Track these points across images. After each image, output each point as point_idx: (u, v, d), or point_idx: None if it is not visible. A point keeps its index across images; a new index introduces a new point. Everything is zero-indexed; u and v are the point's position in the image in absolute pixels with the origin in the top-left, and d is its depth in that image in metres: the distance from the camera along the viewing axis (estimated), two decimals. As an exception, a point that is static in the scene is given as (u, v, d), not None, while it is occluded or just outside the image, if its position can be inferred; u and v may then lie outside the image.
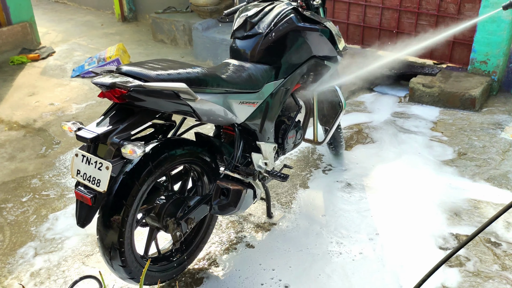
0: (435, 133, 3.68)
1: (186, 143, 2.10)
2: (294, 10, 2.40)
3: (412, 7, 4.50)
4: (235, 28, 2.42)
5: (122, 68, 1.82)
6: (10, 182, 3.20)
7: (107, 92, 1.75)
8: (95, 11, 7.85)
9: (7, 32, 5.52)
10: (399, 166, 3.26)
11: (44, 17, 7.39)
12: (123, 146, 1.72)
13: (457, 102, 4.00)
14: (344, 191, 3.01)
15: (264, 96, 2.32)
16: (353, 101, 4.33)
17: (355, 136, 3.68)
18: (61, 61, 5.52)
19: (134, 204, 1.90)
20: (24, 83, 4.87)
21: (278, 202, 2.91)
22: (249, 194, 2.21)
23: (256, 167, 2.37)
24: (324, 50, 2.56)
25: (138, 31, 6.68)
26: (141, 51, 5.80)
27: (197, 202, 2.19)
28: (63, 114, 4.18)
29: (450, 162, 3.29)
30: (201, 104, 1.94)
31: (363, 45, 5.00)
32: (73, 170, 1.83)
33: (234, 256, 2.48)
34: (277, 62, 2.36)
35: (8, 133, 3.87)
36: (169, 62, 1.99)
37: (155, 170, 1.93)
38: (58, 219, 2.81)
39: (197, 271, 2.39)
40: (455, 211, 2.78)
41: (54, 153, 3.55)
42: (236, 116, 2.17)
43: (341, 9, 4.99)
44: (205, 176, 2.29)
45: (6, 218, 2.84)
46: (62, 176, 3.24)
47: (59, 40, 6.31)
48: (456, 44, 4.37)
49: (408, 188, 3.02)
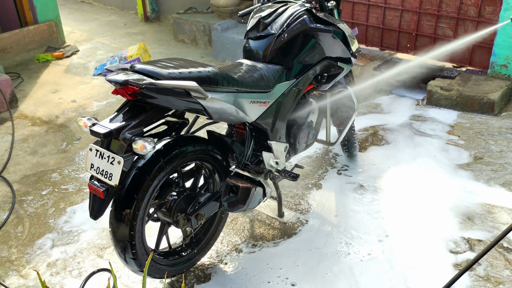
0: (451, 137, 3.64)
1: (198, 140, 2.15)
2: (307, 12, 2.43)
3: (432, 10, 4.46)
4: (249, 29, 2.46)
5: (136, 66, 1.88)
6: (31, 175, 3.31)
7: (120, 89, 1.81)
8: (119, 11, 8.01)
9: (33, 31, 5.69)
10: (414, 169, 3.25)
11: (70, 17, 7.58)
12: (134, 142, 1.77)
13: (476, 106, 3.95)
14: (356, 193, 3.01)
15: (276, 96, 2.35)
16: (369, 103, 4.32)
17: (370, 138, 3.67)
18: (84, 60, 5.66)
19: (145, 199, 1.95)
20: (48, 81, 5.02)
21: (289, 201, 2.94)
22: (258, 192, 2.25)
23: (267, 166, 2.40)
24: (337, 52, 2.57)
25: (160, 31, 6.79)
26: (162, 50, 5.90)
27: (207, 198, 2.24)
28: (84, 111, 4.29)
29: (465, 166, 3.26)
30: (211, 103, 1.98)
31: (382, 47, 4.98)
32: (87, 164, 1.90)
33: (243, 254, 2.52)
34: (290, 63, 2.39)
35: (31, 128, 3.99)
36: (181, 61, 2.04)
37: (166, 166, 1.98)
38: (76, 213, 2.90)
39: (205, 268, 2.44)
40: (468, 215, 2.76)
41: (74, 149, 3.65)
42: (247, 115, 2.20)
43: (361, 11, 4.98)
44: (216, 173, 2.33)
45: (26, 210, 2.94)
46: (80, 171, 3.34)
47: (83, 39, 6.47)
48: (476, 47, 4.32)
49: (421, 191, 3.00)
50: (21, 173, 3.34)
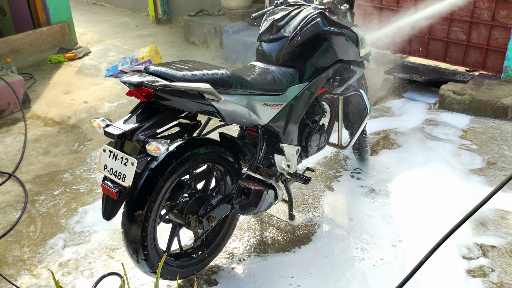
0: (464, 141, 3.61)
1: (210, 142, 2.15)
2: (320, 14, 2.42)
3: (445, 13, 4.43)
4: (262, 31, 2.46)
5: (150, 68, 1.89)
6: (43, 175, 3.33)
7: (134, 90, 1.82)
8: (130, 13, 8.06)
9: (46, 32, 5.74)
10: (426, 173, 3.23)
11: (82, 18, 7.64)
12: (148, 143, 1.78)
13: (489, 111, 3.91)
14: (368, 196, 3.00)
15: (288, 99, 2.34)
16: (381, 106, 4.30)
17: (382, 142, 3.65)
18: (96, 61, 5.70)
19: (157, 200, 1.95)
20: (60, 81, 5.06)
21: (301, 204, 2.93)
22: (270, 195, 2.24)
23: (278, 168, 2.40)
24: (350, 55, 2.56)
25: (171, 33, 6.82)
26: (173, 52, 5.92)
27: (219, 201, 2.24)
28: (96, 112, 4.32)
29: (478, 171, 3.23)
30: (224, 105, 1.98)
31: (394, 51, 4.95)
32: (101, 165, 1.90)
33: (253, 259, 2.51)
34: (302, 66, 2.39)
35: (43, 128, 4.02)
36: (195, 63, 2.04)
37: (178, 167, 1.99)
38: (87, 213, 2.91)
39: (213, 272, 2.43)
40: (481, 221, 2.73)
41: (86, 149, 3.67)
42: (259, 118, 2.20)
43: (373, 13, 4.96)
44: (228, 175, 2.33)
45: (39, 210, 2.96)
46: (92, 172, 3.36)
47: (95, 41, 6.51)
48: (490, 51, 4.28)
49: (433, 196, 2.98)
50: (33, 173, 3.36)
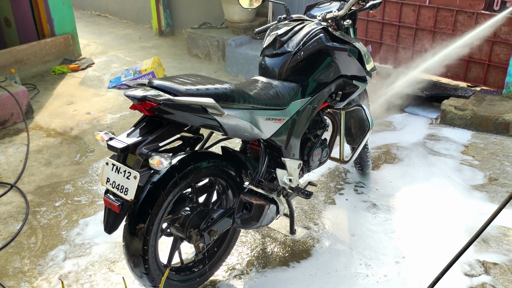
0: (466, 157, 3.61)
1: (212, 156, 2.16)
2: (323, 30, 2.44)
3: (447, 29, 4.47)
4: (265, 46, 2.47)
5: (154, 82, 1.90)
6: (45, 186, 3.33)
7: (138, 104, 1.83)
8: (134, 25, 8.12)
9: (50, 43, 5.78)
10: (427, 189, 3.22)
11: (86, 30, 7.70)
12: (151, 157, 1.78)
13: (490, 126, 3.92)
14: (370, 211, 2.99)
15: (291, 113, 2.35)
16: (383, 120, 4.31)
17: (383, 156, 3.65)
18: (99, 72, 5.73)
19: (159, 214, 1.96)
20: (63, 92, 5.08)
21: (302, 218, 2.92)
22: (271, 209, 2.24)
23: (280, 183, 2.40)
24: (353, 70, 2.58)
25: (174, 45, 6.87)
26: (175, 65, 5.96)
27: (220, 215, 2.23)
28: (98, 123, 4.33)
29: (480, 187, 3.22)
30: (227, 119, 1.99)
31: (396, 65, 4.98)
32: (103, 178, 1.91)
33: (253, 274, 2.50)
34: (305, 81, 2.40)
35: (46, 139, 4.03)
36: (198, 78, 2.06)
37: (181, 181, 1.99)
38: (88, 225, 2.91)
39: (214, 286, 2.42)
40: (483, 238, 2.72)
41: (88, 161, 3.68)
42: (262, 132, 2.21)
43: (375, 29, 5.00)
44: (230, 189, 2.33)
45: (40, 221, 2.96)
46: (94, 183, 3.36)
47: (99, 52, 6.56)
48: (491, 67, 4.30)
49: (435, 212, 2.97)
50: (35, 184, 3.36)
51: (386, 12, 4.85)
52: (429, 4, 4.52)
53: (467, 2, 4.29)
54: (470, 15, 4.29)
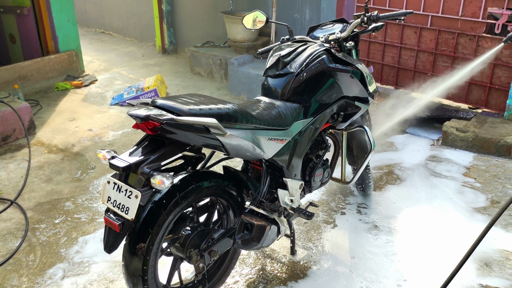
0: (467, 179, 3.60)
1: (214, 176, 2.15)
2: (326, 51, 2.46)
3: (448, 51, 4.50)
4: (268, 67, 2.49)
5: (157, 102, 1.91)
6: (45, 203, 3.32)
7: (141, 123, 1.83)
8: (138, 42, 8.20)
9: (54, 60, 5.83)
10: (429, 210, 3.20)
11: (90, 46, 7.77)
12: (153, 176, 1.78)
13: (492, 149, 3.92)
14: (371, 233, 2.97)
15: (293, 134, 2.35)
16: (384, 141, 4.31)
17: (385, 177, 3.65)
18: (102, 89, 5.76)
19: (159, 233, 1.94)
20: (66, 109, 5.10)
21: (303, 239, 2.90)
22: (273, 230, 2.23)
23: (281, 203, 2.39)
24: (355, 91, 2.59)
25: (177, 63, 6.92)
26: (178, 82, 5.99)
27: (221, 235, 2.22)
28: (100, 140, 4.34)
29: (482, 209, 3.21)
30: (230, 139, 1.99)
31: (397, 86, 5.01)
32: (104, 197, 1.90)
33: (255, 292, 2.48)
34: (307, 101, 2.41)
35: (47, 155, 4.03)
36: (201, 97, 2.06)
37: (182, 201, 1.98)
38: (87, 243, 2.89)
39: (217, 305, 2.39)
40: (486, 262, 2.70)
41: (89, 178, 3.67)
42: (264, 152, 2.21)
43: (376, 50, 5.04)
44: (231, 209, 2.32)
45: (39, 238, 2.94)
46: (94, 201, 3.34)
47: (102, 69, 6.60)
48: (493, 89, 4.32)
49: (437, 234, 2.95)
50: (35, 200, 3.35)
51: (388, 34, 4.90)
52: (430, 26, 4.56)
53: (468, 25, 4.34)
54: (472, 38, 4.33)
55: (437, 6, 4.47)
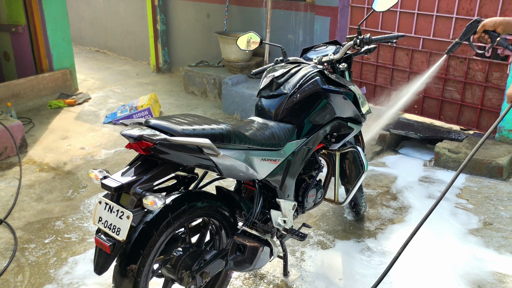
0: (460, 200, 3.61)
1: (206, 196, 2.14)
2: (319, 73, 2.48)
3: (439, 73, 4.55)
4: (262, 87, 2.50)
5: (150, 122, 1.91)
6: (35, 222, 3.28)
7: (134, 143, 1.82)
8: (132, 61, 8.23)
9: (48, 78, 5.83)
10: (422, 232, 3.19)
11: (84, 65, 7.79)
12: (145, 197, 1.76)
13: (484, 170, 3.94)
14: (364, 254, 2.95)
15: (286, 154, 2.35)
16: (377, 162, 4.32)
17: (378, 199, 3.64)
18: (96, 107, 5.76)
19: (151, 255, 1.92)
20: (58, 127, 5.08)
21: (296, 260, 2.88)
22: (265, 251, 2.21)
23: (274, 224, 2.37)
24: (348, 112, 2.60)
25: (171, 82, 6.94)
26: (172, 101, 6.00)
27: (213, 256, 2.19)
28: (92, 158, 4.31)
29: (475, 231, 3.20)
30: (223, 160, 1.99)
31: (389, 107, 5.04)
32: (95, 217, 1.88)
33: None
34: (301, 122, 2.41)
35: (38, 174, 4.00)
36: (195, 118, 2.06)
37: (174, 221, 1.96)
38: (77, 264, 2.84)
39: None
40: (479, 284, 2.69)
41: (80, 197, 3.63)
42: (257, 173, 2.20)
43: (369, 71, 5.09)
44: (223, 230, 2.30)
45: (28, 258, 2.89)
46: (85, 220, 3.31)
47: (96, 87, 6.61)
48: (484, 111, 4.37)
49: (430, 256, 2.94)
50: (25, 219, 3.31)
51: (380, 55, 4.96)
52: (422, 48, 4.63)
53: (459, 48, 4.39)
54: (462, 60, 4.39)
55: (428, 29, 4.54)
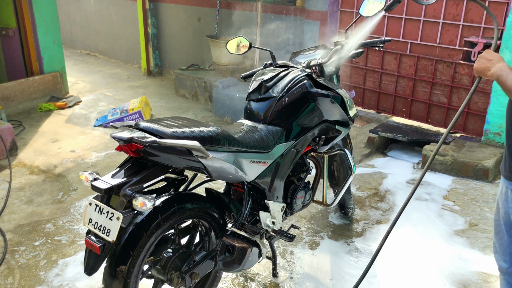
0: (447, 202, 3.67)
1: (196, 198, 2.17)
2: (307, 77, 2.52)
3: (427, 77, 4.63)
4: (251, 91, 2.54)
5: (140, 124, 1.93)
6: (25, 225, 3.28)
7: (124, 146, 1.85)
8: (123, 64, 8.24)
9: (38, 81, 5.82)
10: (409, 233, 3.25)
11: (75, 68, 7.78)
12: (135, 198, 1.79)
13: (470, 172, 4.01)
14: (352, 255, 2.99)
15: (275, 157, 2.39)
16: (365, 164, 4.38)
17: (366, 200, 3.69)
18: (86, 110, 5.76)
19: (140, 256, 1.94)
20: (49, 130, 5.08)
21: (284, 261, 2.91)
22: (254, 252, 2.24)
23: (263, 225, 2.41)
24: (336, 115, 2.65)
25: (162, 85, 6.96)
26: (162, 104, 6.02)
27: (202, 257, 2.22)
28: (82, 161, 4.32)
29: (461, 232, 3.26)
30: (212, 162, 2.02)
31: (378, 110, 5.11)
32: (85, 218, 1.90)
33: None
34: (289, 125, 2.45)
35: (29, 177, 4.00)
36: (185, 120, 2.10)
37: (163, 223, 1.99)
38: (68, 266, 2.85)
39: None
40: (464, 284, 2.74)
41: (70, 199, 3.64)
42: (246, 174, 2.23)
43: (358, 74, 5.15)
44: (213, 231, 2.33)
45: (18, 261, 2.89)
46: (75, 222, 3.32)
47: (87, 90, 6.61)
48: (470, 114, 4.44)
49: (417, 256, 2.99)
50: (15, 222, 3.31)
51: (369, 59, 5.03)
52: (409, 53, 4.70)
53: (446, 52, 4.48)
54: (449, 65, 4.46)
55: (415, 33, 4.61)
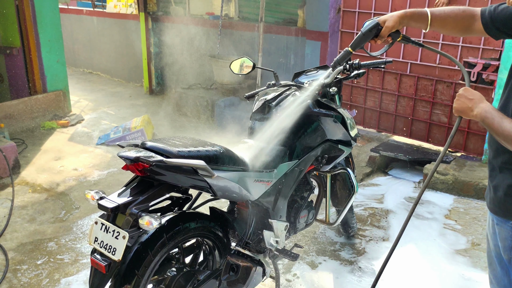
0: (448, 221, 3.68)
1: (200, 217, 2.18)
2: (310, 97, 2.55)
3: (427, 97, 4.67)
4: (254, 110, 2.57)
5: (146, 144, 1.96)
6: (28, 243, 3.28)
7: (130, 165, 1.87)
8: (125, 83, 8.31)
9: (41, 99, 5.87)
10: (412, 253, 3.25)
11: (78, 86, 7.85)
12: (141, 217, 1.80)
13: (471, 191, 4.02)
14: (355, 274, 2.99)
15: (278, 176, 2.41)
16: (367, 183, 4.39)
17: (368, 219, 3.70)
18: (89, 129, 5.79)
19: (146, 275, 1.94)
20: (51, 148, 5.10)
21: (287, 281, 2.91)
22: (258, 271, 2.24)
23: (267, 244, 2.41)
24: (338, 135, 2.68)
25: (164, 103, 7.00)
26: (164, 123, 6.06)
27: (206, 276, 2.22)
28: (85, 179, 4.33)
29: (463, 251, 3.26)
30: (217, 181, 2.04)
31: (379, 129, 5.15)
32: (91, 237, 1.91)
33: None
34: (292, 144, 2.48)
35: (31, 195, 4.01)
36: (190, 140, 2.12)
37: (168, 242, 2.00)
38: (70, 285, 2.84)
39: None
40: (468, 303, 2.73)
41: (73, 218, 3.65)
42: (250, 194, 2.25)
43: (359, 94, 5.20)
44: (217, 250, 2.33)
45: (20, 280, 2.89)
46: (78, 241, 3.32)
47: (89, 109, 6.65)
48: (471, 134, 4.48)
49: (419, 276, 2.98)
50: (17, 240, 3.31)
51: (369, 79, 5.08)
52: (410, 73, 4.76)
53: (445, 72, 4.53)
54: (449, 85, 4.52)
55: (415, 54, 4.68)
